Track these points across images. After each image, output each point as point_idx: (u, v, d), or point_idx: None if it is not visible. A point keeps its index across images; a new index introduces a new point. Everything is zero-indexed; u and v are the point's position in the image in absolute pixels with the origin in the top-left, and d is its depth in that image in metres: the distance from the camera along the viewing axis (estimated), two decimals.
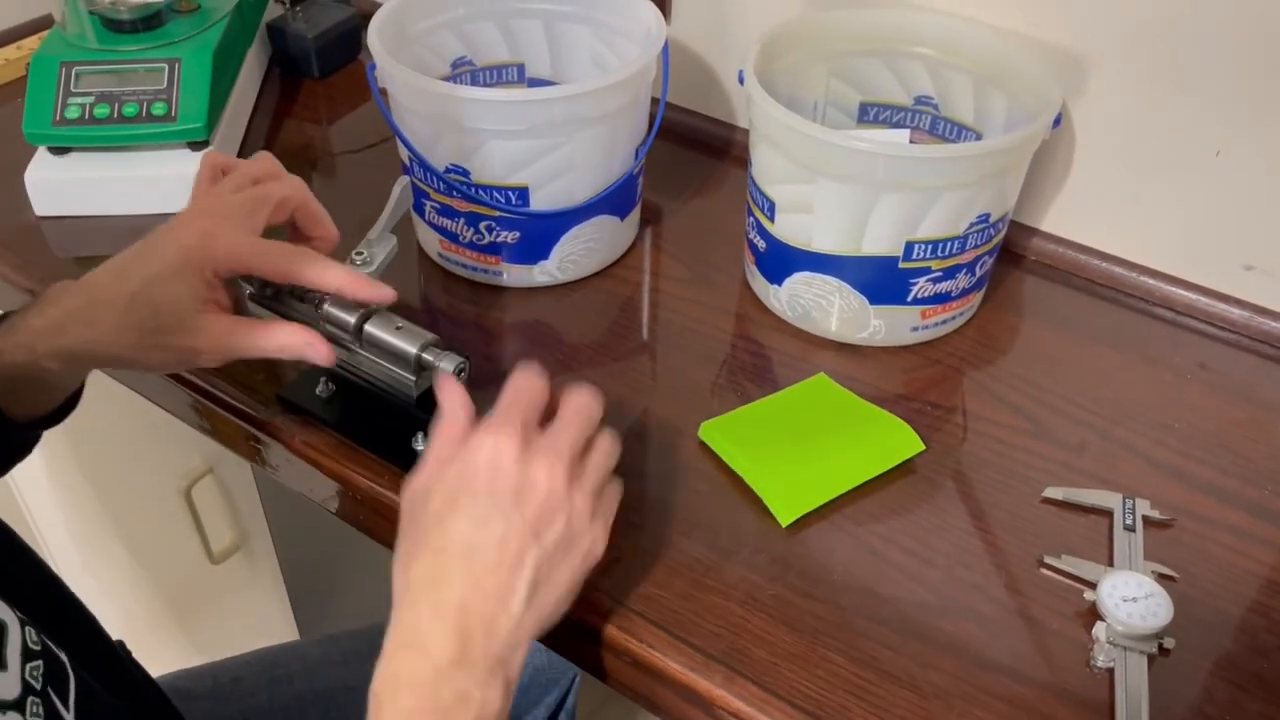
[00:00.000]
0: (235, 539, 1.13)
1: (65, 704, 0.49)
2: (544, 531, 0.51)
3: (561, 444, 0.53)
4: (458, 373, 0.61)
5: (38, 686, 0.48)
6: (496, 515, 0.50)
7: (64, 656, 0.51)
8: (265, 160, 0.66)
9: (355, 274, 0.62)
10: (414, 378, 0.62)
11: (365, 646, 0.87)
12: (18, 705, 0.45)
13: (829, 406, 0.72)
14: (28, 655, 0.48)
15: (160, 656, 0.85)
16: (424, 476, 0.53)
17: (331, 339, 0.65)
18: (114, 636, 0.72)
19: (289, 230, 0.66)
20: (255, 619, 1.24)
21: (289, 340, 0.60)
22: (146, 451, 1.07)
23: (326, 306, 0.64)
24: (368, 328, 0.62)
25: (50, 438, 0.68)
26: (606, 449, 0.56)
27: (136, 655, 0.73)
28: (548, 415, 0.55)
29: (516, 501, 0.50)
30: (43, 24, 1.11)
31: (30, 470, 1.07)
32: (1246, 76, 0.73)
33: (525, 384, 0.54)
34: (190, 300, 0.58)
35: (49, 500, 1.16)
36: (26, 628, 0.49)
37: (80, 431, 1.11)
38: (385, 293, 0.62)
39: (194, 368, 0.70)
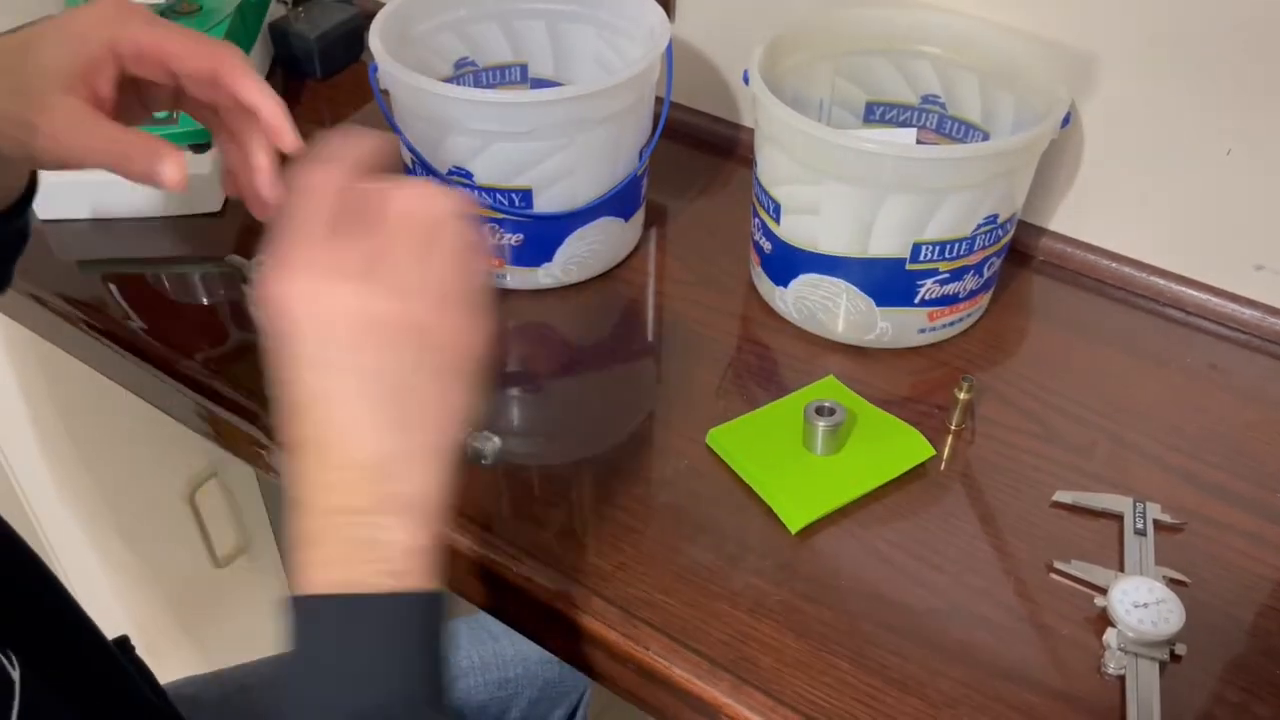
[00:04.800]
0: (239, 543, 1.13)
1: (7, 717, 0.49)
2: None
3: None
4: None
5: None
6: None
7: (15, 673, 0.51)
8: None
9: (281, 105, 0.54)
10: None
11: None
12: None
13: None
14: None
15: (164, 659, 0.85)
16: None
17: None
18: (119, 633, 0.72)
19: (224, 142, 0.57)
20: (259, 622, 1.24)
21: (135, 150, 0.50)
22: (151, 456, 1.07)
23: None
24: None
25: (55, 442, 0.67)
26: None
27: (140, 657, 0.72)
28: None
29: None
30: None
31: (35, 474, 1.07)
32: (1257, 75, 0.72)
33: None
34: (66, 68, 0.50)
35: (54, 504, 1.16)
36: None
37: (85, 436, 1.11)
38: (295, 142, 0.53)
39: (25, 154, 0.53)
